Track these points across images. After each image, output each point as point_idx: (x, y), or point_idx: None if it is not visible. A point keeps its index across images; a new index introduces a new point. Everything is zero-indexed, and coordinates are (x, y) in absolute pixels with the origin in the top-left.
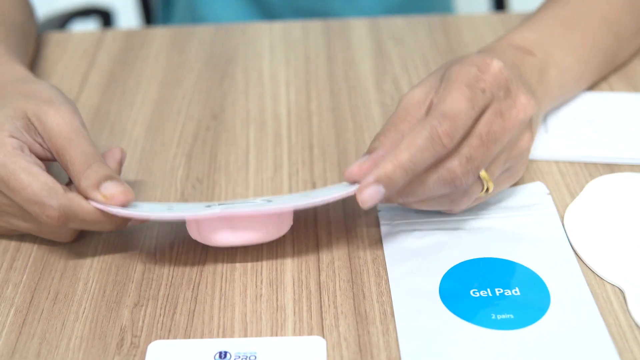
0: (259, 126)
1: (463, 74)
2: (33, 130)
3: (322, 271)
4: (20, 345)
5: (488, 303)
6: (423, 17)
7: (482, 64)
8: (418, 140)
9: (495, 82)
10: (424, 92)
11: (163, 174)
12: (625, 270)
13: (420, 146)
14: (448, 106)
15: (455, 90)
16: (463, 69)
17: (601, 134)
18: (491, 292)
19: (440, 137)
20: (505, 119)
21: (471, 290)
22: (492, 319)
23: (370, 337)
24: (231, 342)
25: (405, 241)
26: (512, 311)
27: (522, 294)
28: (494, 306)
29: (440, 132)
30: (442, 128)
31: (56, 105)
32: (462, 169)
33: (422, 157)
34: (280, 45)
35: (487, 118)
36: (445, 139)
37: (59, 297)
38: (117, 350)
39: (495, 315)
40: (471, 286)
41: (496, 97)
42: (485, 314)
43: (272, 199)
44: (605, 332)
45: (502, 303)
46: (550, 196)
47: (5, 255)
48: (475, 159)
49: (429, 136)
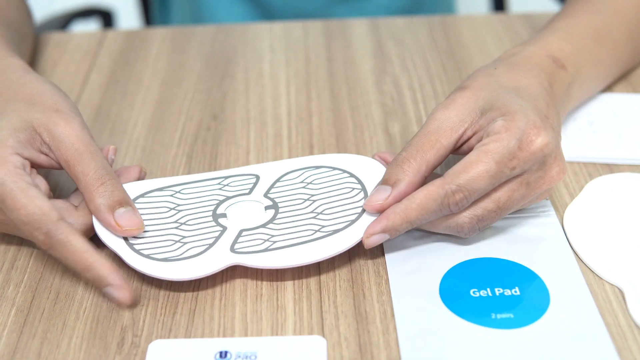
0: (259, 126)
1: (501, 146)
2: (38, 141)
3: (323, 271)
4: (22, 344)
5: (488, 303)
6: (423, 17)
7: (526, 140)
8: (430, 205)
9: (530, 160)
10: (459, 119)
11: (164, 173)
12: (625, 270)
13: (430, 210)
14: (469, 181)
15: (482, 164)
16: (503, 141)
17: (601, 134)
18: (491, 292)
19: (450, 205)
20: (530, 189)
21: (471, 290)
22: (492, 318)
23: (371, 336)
24: (231, 342)
25: (405, 241)
26: (511, 310)
27: (521, 294)
28: (493, 306)
29: (452, 202)
30: (455, 198)
31: (65, 115)
32: (470, 225)
33: (430, 217)
34: (280, 45)
35: (511, 186)
36: (454, 208)
37: (60, 297)
38: (118, 350)
39: (495, 314)
40: (471, 286)
41: (527, 170)
42: (485, 314)
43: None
44: (604, 331)
45: (501, 303)
46: (549, 199)
47: (7, 255)
48: (487, 219)
49: (440, 203)
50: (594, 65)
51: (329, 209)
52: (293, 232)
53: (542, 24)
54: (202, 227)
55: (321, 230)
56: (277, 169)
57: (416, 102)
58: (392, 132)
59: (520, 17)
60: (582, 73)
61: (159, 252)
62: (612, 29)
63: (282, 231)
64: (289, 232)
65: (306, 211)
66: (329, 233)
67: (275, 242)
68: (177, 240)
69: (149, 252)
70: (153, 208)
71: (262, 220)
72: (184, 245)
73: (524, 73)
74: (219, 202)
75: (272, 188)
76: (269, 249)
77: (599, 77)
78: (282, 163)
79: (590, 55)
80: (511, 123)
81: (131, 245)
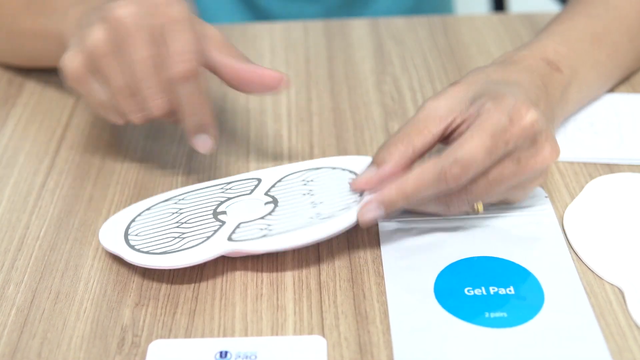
0: (259, 126)
1: (492, 122)
2: None
3: (323, 271)
4: (22, 344)
5: (482, 301)
6: (423, 17)
7: (516, 115)
8: (426, 177)
9: (522, 135)
10: (448, 108)
11: (164, 174)
12: (625, 270)
13: (426, 183)
14: (465, 154)
15: (477, 138)
16: (494, 116)
17: (601, 134)
18: (485, 291)
19: (447, 179)
20: (521, 165)
21: (466, 288)
22: (486, 317)
23: (371, 336)
24: (232, 342)
25: (402, 239)
26: (505, 309)
27: (516, 293)
28: (487, 304)
29: (449, 175)
30: (452, 171)
31: None
32: (458, 197)
33: (425, 191)
34: (280, 45)
35: (501, 162)
36: (451, 182)
37: (60, 297)
38: (118, 350)
39: (489, 313)
40: (466, 284)
41: (519, 147)
42: (479, 312)
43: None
44: (598, 332)
45: (496, 301)
46: (549, 199)
47: (7, 254)
48: (475, 194)
49: (437, 176)
50: (593, 67)
51: (327, 199)
52: (291, 220)
53: (542, 24)
54: (202, 223)
55: (318, 216)
56: (279, 172)
57: (416, 102)
58: (393, 132)
59: (520, 17)
60: (579, 75)
61: (158, 248)
62: (612, 32)
63: (280, 220)
64: (287, 220)
65: (305, 202)
66: (325, 218)
67: (273, 230)
68: (177, 237)
69: (148, 249)
70: (157, 215)
71: (261, 213)
72: (183, 240)
73: (516, 72)
74: (220, 202)
75: (273, 187)
76: (266, 236)
77: (600, 79)
78: (284, 167)
79: (588, 57)
80: (500, 101)
81: (132, 246)
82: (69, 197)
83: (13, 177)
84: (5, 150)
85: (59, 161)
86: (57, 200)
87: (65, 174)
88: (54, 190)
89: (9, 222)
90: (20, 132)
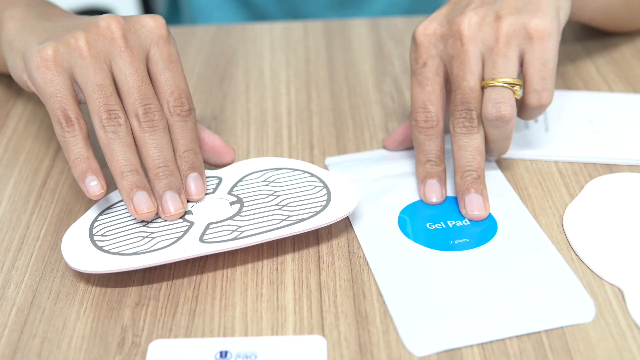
0: (259, 126)
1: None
2: None
3: (323, 270)
4: (22, 344)
5: (444, 233)
6: (423, 17)
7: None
8: None
9: None
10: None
11: None
12: (624, 270)
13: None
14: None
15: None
16: None
17: (601, 134)
18: (444, 225)
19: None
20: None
21: (427, 224)
22: (451, 244)
23: (371, 336)
24: (232, 342)
25: (360, 186)
26: (467, 236)
27: (472, 223)
28: (450, 234)
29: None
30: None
31: None
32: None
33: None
34: (280, 45)
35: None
36: None
37: (60, 297)
38: (118, 350)
39: (452, 240)
40: (426, 220)
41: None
42: (443, 241)
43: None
44: (549, 243)
45: (456, 231)
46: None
47: (7, 254)
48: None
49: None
50: None
51: (293, 202)
52: (260, 222)
53: None
54: (169, 223)
55: (288, 219)
56: (238, 171)
57: None
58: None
59: None
60: None
61: (128, 248)
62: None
63: (249, 221)
64: (257, 222)
65: (271, 204)
66: (295, 222)
67: (244, 232)
68: (145, 236)
69: (118, 250)
70: (122, 213)
71: (228, 214)
72: (153, 240)
73: None
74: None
75: (236, 186)
76: (237, 238)
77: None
78: (242, 164)
79: None
80: None
81: (100, 247)
82: (69, 197)
83: (13, 177)
84: (6, 150)
85: (60, 161)
86: (57, 200)
87: (66, 174)
88: (55, 190)
89: (10, 222)
90: (21, 132)
